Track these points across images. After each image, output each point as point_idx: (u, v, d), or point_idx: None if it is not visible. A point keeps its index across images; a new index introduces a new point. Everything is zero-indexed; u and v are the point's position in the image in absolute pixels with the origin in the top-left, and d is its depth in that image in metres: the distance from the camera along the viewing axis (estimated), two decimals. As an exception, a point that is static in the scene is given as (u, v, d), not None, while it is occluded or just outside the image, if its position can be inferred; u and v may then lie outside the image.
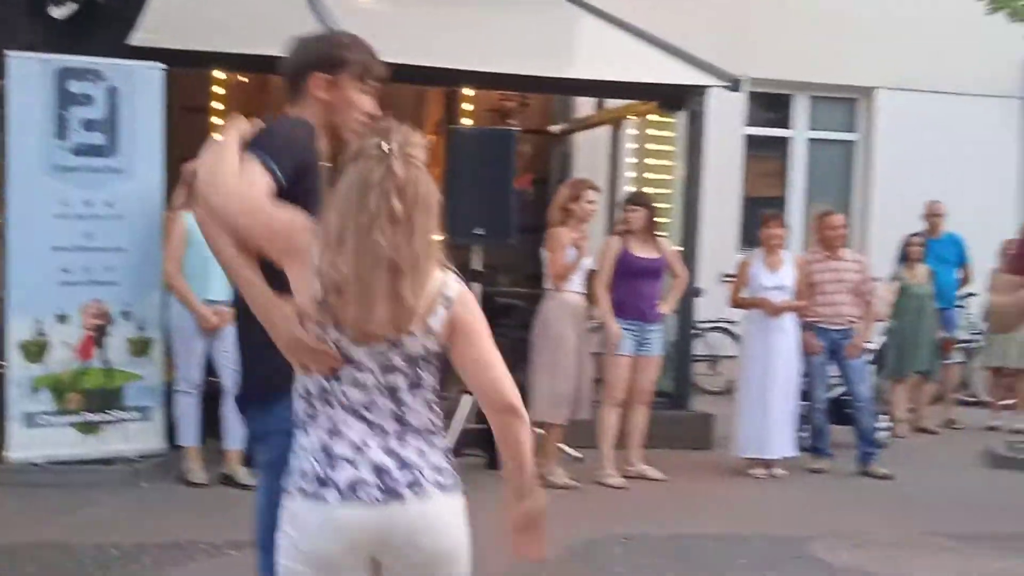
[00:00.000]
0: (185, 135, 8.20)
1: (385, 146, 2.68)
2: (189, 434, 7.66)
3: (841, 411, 9.24)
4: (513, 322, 9.82)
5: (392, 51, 9.17)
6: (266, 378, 3.18)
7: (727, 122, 12.25)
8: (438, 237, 2.74)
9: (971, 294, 12.23)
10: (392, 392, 2.74)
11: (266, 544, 3.29)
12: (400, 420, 2.74)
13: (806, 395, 8.99)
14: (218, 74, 10.79)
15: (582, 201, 8.16)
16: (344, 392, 2.74)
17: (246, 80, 11.33)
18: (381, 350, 2.71)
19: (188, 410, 7.64)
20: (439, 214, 2.73)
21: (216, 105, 11.00)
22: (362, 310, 2.65)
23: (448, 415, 7.96)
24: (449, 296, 2.73)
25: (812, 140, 14.00)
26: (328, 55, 3.34)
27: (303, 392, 2.79)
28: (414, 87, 11.75)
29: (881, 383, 10.81)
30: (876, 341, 10.48)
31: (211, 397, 7.64)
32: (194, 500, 7.24)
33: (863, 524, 7.28)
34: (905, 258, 10.95)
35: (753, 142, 13.70)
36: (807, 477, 8.71)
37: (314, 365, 2.74)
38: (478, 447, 8.01)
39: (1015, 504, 8.13)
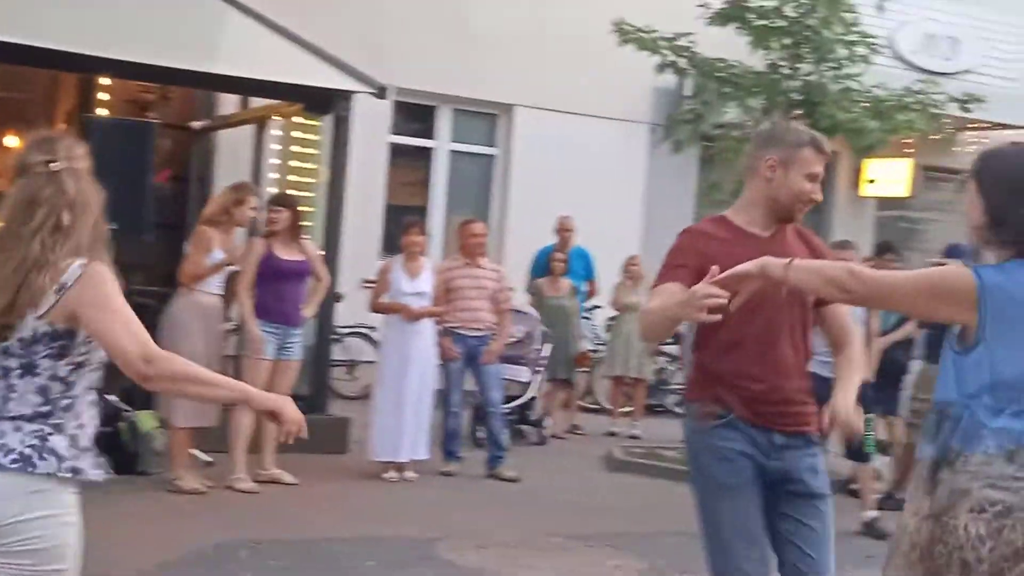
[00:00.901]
0: None
1: (53, 165, 2.83)
2: None
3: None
4: (145, 323, 9.49)
5: (23, 32, 8.71)
6: None
7: (372, 129, 12.36)
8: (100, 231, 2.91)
9: (596, 306, 12.90)
10: (5, 374, 2.82)
11: None
12: (5, 402, 2.82)
13: (507, 400, 9.47)
14: None
15: (245, 206, 8.03)
16: None
17: None
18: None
19: None
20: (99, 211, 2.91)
21: None
22: None
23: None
24: (66, 283, 2.80)
25: (454, 152, 14.36)
26: None
27: None
28: (47, 72, 11.16)
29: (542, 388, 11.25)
30: (544, 348, 10.90)
31: None
32: None
33: (489, 525, 7.51)
34: (547, 272, 11.42)
35: (397, 151, 13.90)
36: (438, 480, 8.90)
37: None
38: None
39: (630, 505, 8.63)
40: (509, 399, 10.58)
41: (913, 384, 9.41)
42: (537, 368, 10.81)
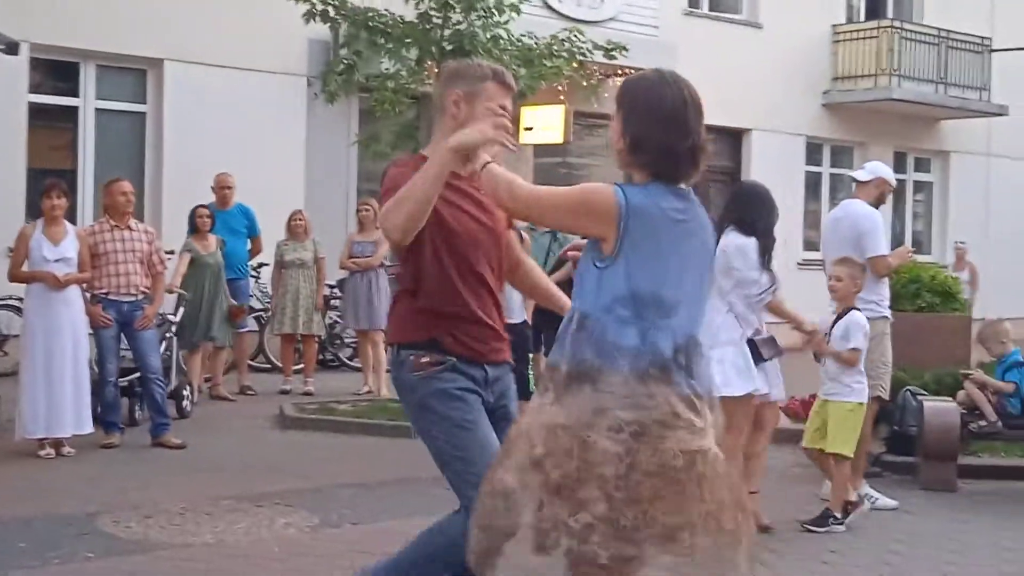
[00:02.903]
0: None
1: None
2: None
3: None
4: None
5: None
6: None
7: (8, 89, 11.64)
8: None
9: (262, 264, 12.66)
10: None
11: None
12: None
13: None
14: None
15: None
16: None
17: None
18: None
19: None
20: None
21: None
22: None
23: None
24: None
25: (101, 110, 13.67)
26: None
27: None
28: None
29: (183, 353, 10.81)
30: (178, 312, 10.48)
31: None
32: None
33: (154, 495, 7.25)
34: (195, 229, 11.07)
35: (39, 111, 13.11)
36: (99, 453, 8.52)
37: None
38: None
39: (302, 462, 8.54)
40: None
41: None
42: (165, 336, 10.21)
